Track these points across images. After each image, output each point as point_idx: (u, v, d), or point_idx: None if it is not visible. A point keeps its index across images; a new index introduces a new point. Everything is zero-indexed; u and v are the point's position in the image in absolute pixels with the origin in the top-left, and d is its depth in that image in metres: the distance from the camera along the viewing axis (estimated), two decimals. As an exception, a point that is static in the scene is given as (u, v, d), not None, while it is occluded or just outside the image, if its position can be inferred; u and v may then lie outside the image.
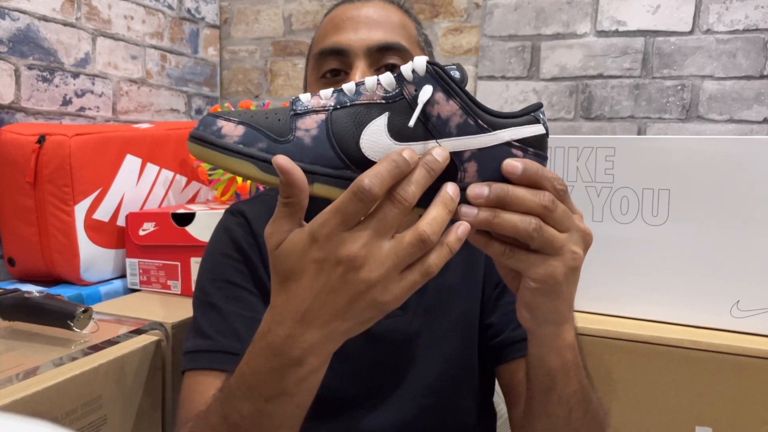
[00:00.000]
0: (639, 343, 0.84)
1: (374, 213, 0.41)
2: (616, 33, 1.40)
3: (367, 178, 0.40)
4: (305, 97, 0.46)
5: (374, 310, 0.42)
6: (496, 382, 0.75)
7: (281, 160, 0.41)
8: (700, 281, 0.86)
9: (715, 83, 1.33)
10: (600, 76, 1.42)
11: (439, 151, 0.42)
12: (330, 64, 0.68)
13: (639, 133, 1.40)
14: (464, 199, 0.44)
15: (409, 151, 0.41)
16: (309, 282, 0.41)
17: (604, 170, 0.90)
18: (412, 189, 0.41)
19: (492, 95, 1.51)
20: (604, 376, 0.86)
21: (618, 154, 0.89)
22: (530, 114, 0.45)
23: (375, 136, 0.44)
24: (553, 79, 1.46)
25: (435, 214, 0.41)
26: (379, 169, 0.40)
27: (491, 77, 1.52)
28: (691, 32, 1.34)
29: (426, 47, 0.74)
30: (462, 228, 0.42)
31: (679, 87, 1.35)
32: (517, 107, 1.50)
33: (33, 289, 0.86)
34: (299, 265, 0.42)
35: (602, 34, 1.41)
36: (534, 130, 0.45)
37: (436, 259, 0.41)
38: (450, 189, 0.42)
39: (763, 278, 0.83)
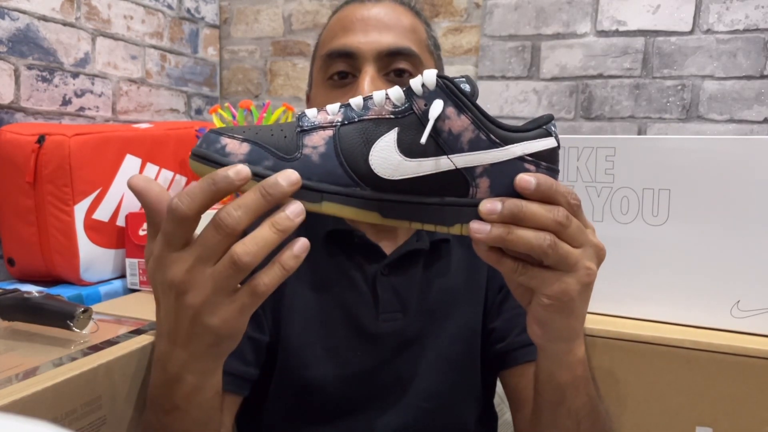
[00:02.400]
0: (639, 343, 0.84)
1: (199, 235, 0.39)
2: (616, 33, 1.40)
3: (177, 197, 0.38)
4: (311, 113, 0.45)
5: (210, 335, 0.40)
6: (498, 384, 0.75)
7: (134, 180, 0.40)
8: (700, 281, 0.85)
9: (715, 83, 1.33)
10: (600, 76, 1.42)
11: (289, 173, 0.39)
12: (338, 67, 0.67)
13: (639, 133, 1.40)
14: (476, 215, 0.42)
15: (238, 168, 0.38)
16: (163, 304, 0.42)
17: (604, 170, 0.90)
18: (238, 214, 0.38)
19: (492, 95, 1.51)
20: (605, 376, 0.86)
21: (618, 154, 0.89)
22: (542, 127, 0.44)
23: (384, 153, 0.42)
24: (553, 79, 1.46)
25: (257, 234, 0.38)
26: (193, 187, 0.38)
27: (491, 77, 1.52)
28: (691, 32, 1.34)
29: (435, 50, 0.73)
30: (299, 244, 0.40)
31: (679, 87, 1.35)
32: (517, 107, 1.50)
33: (33, 289, 0.85)
34: (154, 286, 0.42)
35: (602, 34, 1.41)
36: (546, 143, 0.44)
37: (265, 279, 0.39)
38: (289, 210, 0.39)
39: (763, 278, 0.82)
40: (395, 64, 0.66)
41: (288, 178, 0.39)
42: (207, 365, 0.44)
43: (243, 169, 0.38)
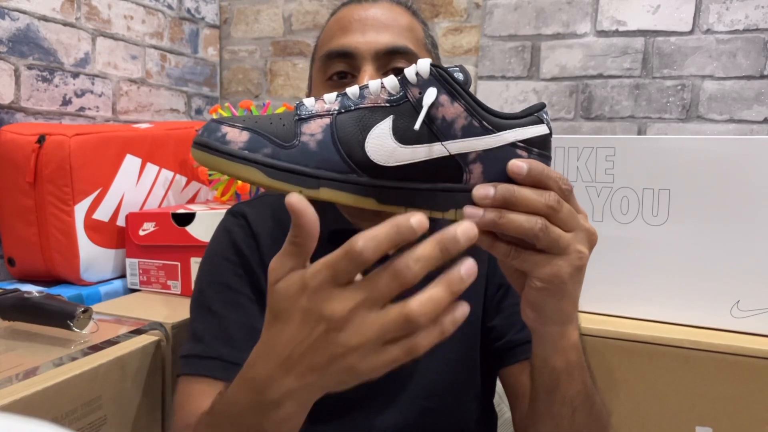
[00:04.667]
0: (639, 343, 0.84)
1: (370, 277, 0.38)
2: (616, 33, 1.40)
3: (362, 240, 0.37)
4: (309, 102, 0.46)
5: (349, 375, 0.40)
6: (497, 383, 0.75)
7: (294, 199, 0.39)
8: (700, 281, 0.86)
9: (715, 83, 1.33)
10: (600, 76, 1.42)
11: (467, 227, 0.37)
12: (337, 67, 0.67)
13: (639, 133, 1.40)
14: (470, 201, 0.43)
15: (419, 217, 0.37)
16: (294, 329, 0.40)
17: (604, 170, 0.90)
18: (417, 268, 0.37)
19: (492, 95, 1.51)
20: (605, 376, 0.86)
21: (618, 154, 0.89)
22: (534, 114, 0.45)
23: (380, 140, 0.44)
24: (553, 79, 1.46)
25: (433, 294, 0.37)
26: (378, 232, 0.37)
27: (491, 77, 1.52)
28: (691, 32, 1.34)
29: (433, 49, 0.74)
30: (461, 311, 0.39)
31: (679, 87, 1.35)
32: (517, 107, 1.50)
33: (33, 289, 0.86)
34: (288, 309, 0.40)
35: (602, 34, 1.41)
36: (538, 130, 0.45)
37: (423, 341, 0.38)
38: (464, 269, 0.37)
39: (763, 278, 0.83)
40: (393, 63, 0.67)
41: (466, 233, 0.37)
42: (315, 396, 0.43)
43: (423, 221, 0.37)
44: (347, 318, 0.38)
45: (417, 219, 0.37)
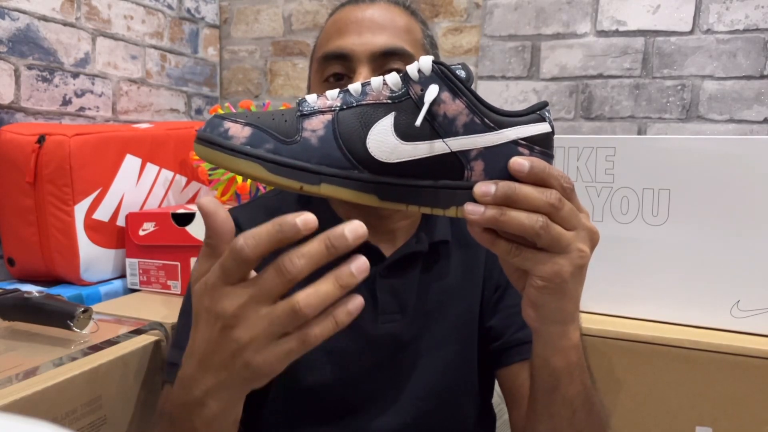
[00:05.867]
0: (639, 343, 0.84)
1: (258, 275, 0.39)
2: (616, 33, 1.40)
3: (243, 238, 0.38)
4: (311, 98, 0.46)
5: (249, 372, 0.40)
6: (496, 383, 0.75)
7: (204, 201, 0.40)
8: (700, 281, 0.85)
9: (715, 83, 1.33)
10: (600, 76, 1.42)
11: (356, 226, 0.38)
12: (333, 68, 0.67)
13: (639, 133, 1.40)
14: (471, 198, 0.43)
15: (306, 216, 0.38)
16: (202, 329, 0.41)
17: (604, 170, 0.90)
18: (301, 263, 0.38)
19: (492, 95, 1.51)
20: (605, 376, 0.86)
21: (618, 154, 0.89)
22: (536, 112, 0.45)
23: (381, 136, 0.44)
24: (553, 79, 1.46)
25: (320, 287, 0.38)
26: (260, 231, 0.38)
27: (491, 77, 1.52)
28: (691, 32, 1.34)
29: (432, 49, 0.74)
30: (354, 303, 0.39)
31: (679, 87, 1.35)
32: (517, 107, 1.50)
33: (33, 289, 0.85)
34: (199, 309, 0.41)
35: (602, 34, 1.41)
36: (540, 128, 0.45)
37: (317, 330, 0.39)
38: (354, 266, 0.38)
39: (763, 278, 0.83)
40: (389, 65, 0.66)
41: (355, 231, 0.38)
42: (233, 394, 0.43)
43: (310, 220, 0.38)
44: (238, 314, 0.39)
45: (303, 218, 0.37)
